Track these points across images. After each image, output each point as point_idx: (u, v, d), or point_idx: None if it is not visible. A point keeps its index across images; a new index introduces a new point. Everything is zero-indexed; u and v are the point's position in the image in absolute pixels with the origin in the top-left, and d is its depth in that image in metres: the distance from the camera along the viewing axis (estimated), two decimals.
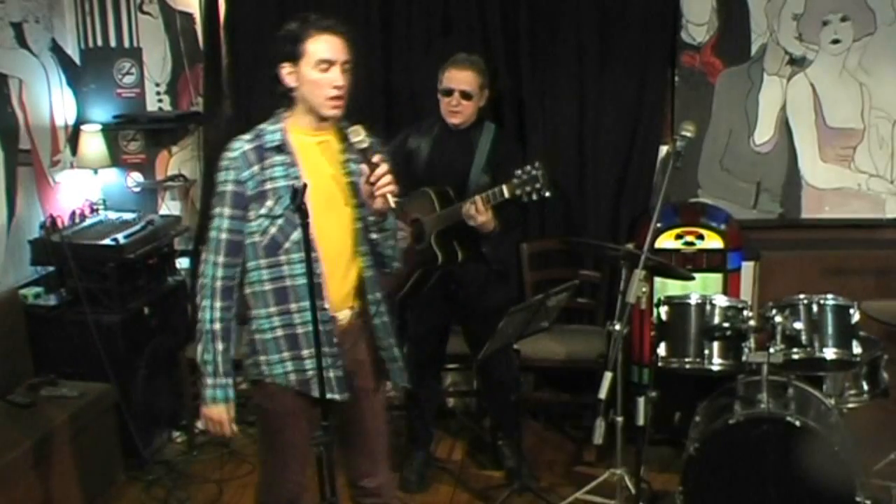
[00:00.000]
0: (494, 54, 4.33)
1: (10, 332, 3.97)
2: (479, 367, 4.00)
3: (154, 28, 4.66)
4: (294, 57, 2.53)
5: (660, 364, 3.41)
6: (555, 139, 4.41)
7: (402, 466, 4.05)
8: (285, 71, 2.55)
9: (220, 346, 2.61)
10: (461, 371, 4.64)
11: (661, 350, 3.41)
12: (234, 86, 4.55)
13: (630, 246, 3.47)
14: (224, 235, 2.58)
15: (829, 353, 3.27)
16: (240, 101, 4.56)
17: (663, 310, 3.44)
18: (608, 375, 3.00)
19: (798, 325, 3.27)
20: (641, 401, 3.17)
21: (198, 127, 4.73)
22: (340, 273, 2.65)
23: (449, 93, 3.65)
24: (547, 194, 3.34)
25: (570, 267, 4.37)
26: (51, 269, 4.27)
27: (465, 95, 3.64)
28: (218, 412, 2.66)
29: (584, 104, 4.36)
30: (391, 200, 2.51)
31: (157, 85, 4.74)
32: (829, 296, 3.32)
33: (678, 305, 3.43)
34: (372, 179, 2.52)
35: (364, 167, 2.55)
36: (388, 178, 2.52)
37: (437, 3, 4.36)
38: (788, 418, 3.11)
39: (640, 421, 3.18)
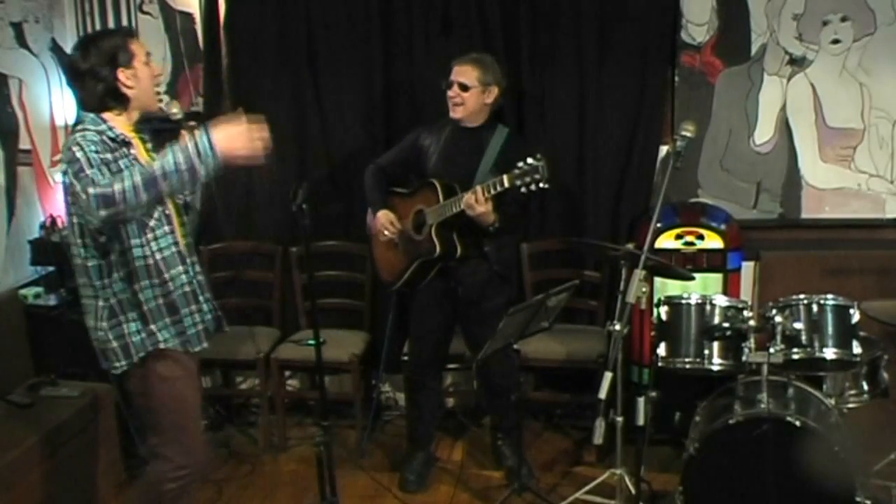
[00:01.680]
0: (494, 54, 4.32)
1: (10, 332, 3.98)
2: (479, 367, 4.00)
3: (154, 28, 4.66)
4: (128, 60, 2.82)
5: (660, 364, 3.41)
6: (555, 139, 4.41)
7: (403, 466, 4.05)
8: (124, 76, 2.82)
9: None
10: (461, 371, 4.64)
11: (661, 350, 3.41)
12: (234, 86, 4.55)
13: (630, 246, 3.47)
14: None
15: (829, 353, 3.27)
16: (240, 101, 4.56)
17: (663, 310, 3.45)
18: (608, 375, 3.00)
19: (798, 325, 3.27)
20: (641, 401, 3.17)
21: (198, 127, 4.72)
22: (185, 248, 2.97)
23: (450, 86, 3.69)
24: (544, 186, 3.33)
25: (570, 267, 4.38)
26: (51, 269, 4.28)
27: (463, 87, 3.66)
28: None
29: (584, 104, 4.36)
30: None
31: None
32: (829, 296, 3.32)
33: (678, 305, 3.43)
34: None
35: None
36: None
37: (437, 3, 4.36)
38: (788, 418, 3.11)
39: (640, 421, 3.18)
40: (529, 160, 3.34)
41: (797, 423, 3.09)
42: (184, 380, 2.93)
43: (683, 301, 3.43)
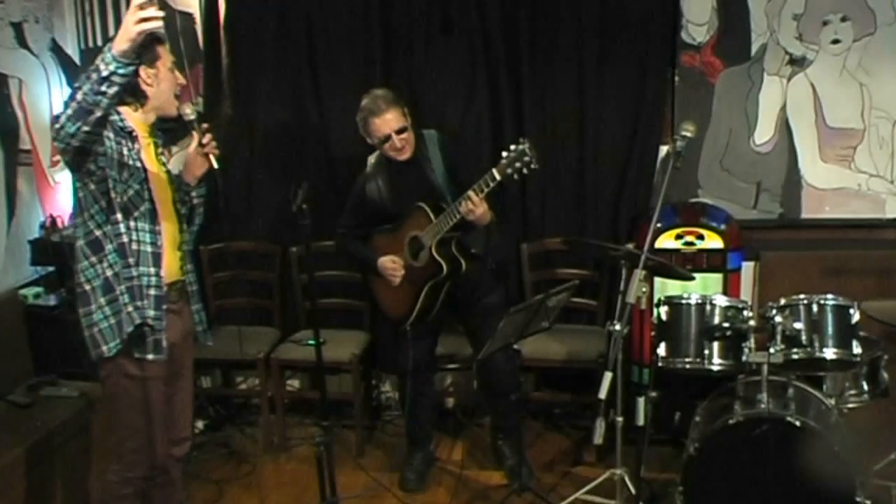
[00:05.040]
0: (494, 54, 4.33)
1: (10, 332, 3.98)
2: (479, 367, 3.99)
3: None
4: (151, 60, 2.88)
5: (660, 364, 3.41)
6: (555, 139, 4.41)
7: (403, 466, 4.05)
8: (145, 73, 2.87)
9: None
10: (461, 371, 4.64)
11: (661, 350, 3.41)
12: (234, 86, 4.55)
13: (630, 246, 3.47)
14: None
15: (829, 353, 3.26)
16: (240, 101, 4.57)
17: (663, 310, 3.44)
18: (608, 375, 3.01)
19: (798, 325, 3.27)
20: (641, 401, 3.18)
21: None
22: (173, 251, 3.00)
23: (387, 139, 3.63)
24: (535, 166, 3.35)
25: (570, 267, 4.38)
26: (51, 269, 4.28)
27: (401, 130, 3.63)
28: None
29: (584, 104, 4.36)
30: (214, 161, 3.01)
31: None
32: (829, 296, 3.31)
33: (678, 305, 3.43)
34: (204, 141, 3.01)
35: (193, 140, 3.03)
36: (214, 141, 3.02)
37: (437, 3, 4.36)
38: (788, 418, 3.11)
39: (640, 421, 3.18)
40: (513, 147, 3.35)
41: (797, 423, 3.09)
42: (147, 382, 2.91)
43: (683, 301, 3.42)
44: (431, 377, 4.14)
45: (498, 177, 3.39)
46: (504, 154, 3.38)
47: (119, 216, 2.82)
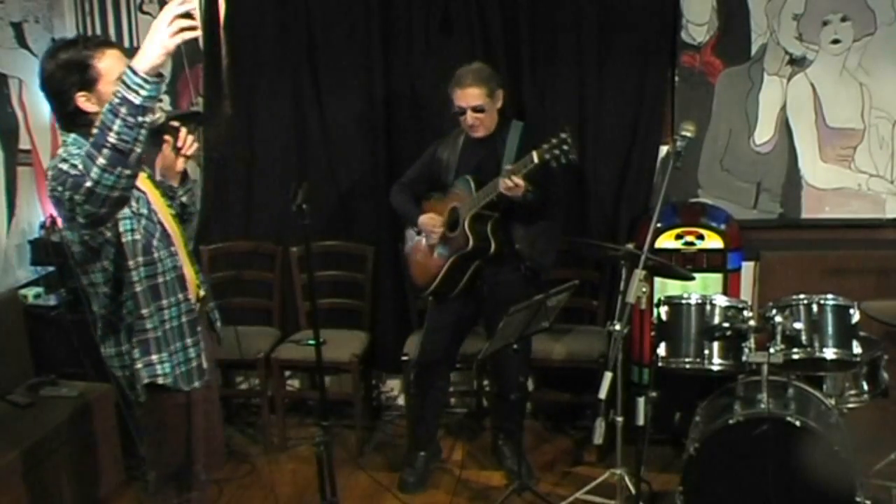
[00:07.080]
0: (494, 54, 4.33)
1: (10, 332, 3.98)
2: (482, 367, 3.98)
3: None
4: (89, 83, 2.51)
5: (660, 364, 3.41)
6: None
7: (403, 467, 4.05)
8: (83, 100, 2.52)
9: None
10: (461, 371, 4.64)
11: (661, 350, 3.41)
12: (234, 86, 4.55)
13: (630, 246, 3.47)
14: None
15: (829, 353, 3.27)
16: (240, 101, 4.56)
17: (663, 310, 3.44)
18: (608, 375, 3.01)
19: (798, 325, 3.27)
20: (641, 401, 3.17)
21: (198, 127, 4.71)
22: (188, 262, 2.81)
23: (462, 112, 3.67)
24: (573, 157, 3.39)
25: (570, 267, 4.37)
26: (51, 268, 4.27)
27: (478, 109, 3.64)
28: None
29: (584, 104, 4.35)
30: (198, 157, 2.77)
31: None
32: (829, 296, 3.32)
33: (678, 305, 3.43)
34: (179, 143, 2.78)
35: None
36: (191, 137, 2.79)
37: (437, 3, 4.36)
38: (788, 418, 3.11)
39: (640, 421, 3.18)
40: (557, 134, 3.37)
41: (797, 423, 3.09)
42: (190, 409, 2.75)
43: (683, 301, 3.43)
44: (447, 373, 4.11)
45: (536, 160, 3.41)
46: (547, 138, 3.40)
47: (130, 263, 2.59)
